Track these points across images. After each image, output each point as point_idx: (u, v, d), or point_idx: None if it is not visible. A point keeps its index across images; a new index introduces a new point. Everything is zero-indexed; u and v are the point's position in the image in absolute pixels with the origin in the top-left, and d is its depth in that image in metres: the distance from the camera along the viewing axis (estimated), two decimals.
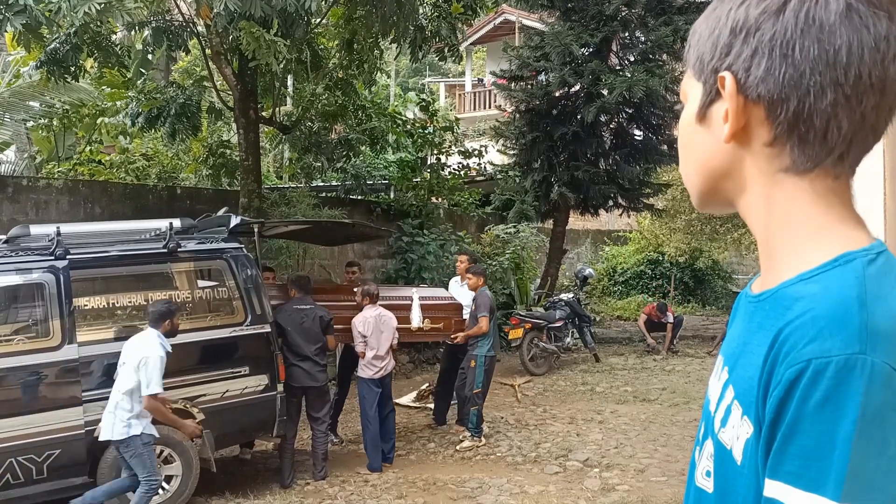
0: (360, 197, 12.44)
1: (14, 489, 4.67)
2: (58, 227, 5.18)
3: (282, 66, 8.46)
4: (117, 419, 4.54)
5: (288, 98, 12.65)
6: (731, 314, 0.88)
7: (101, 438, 4.69)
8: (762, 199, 0.78)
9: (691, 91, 0.83)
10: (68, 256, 5.05)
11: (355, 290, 6.49)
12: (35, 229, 5.35)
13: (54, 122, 12.39)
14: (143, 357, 4.55)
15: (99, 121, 12.43)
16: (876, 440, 0.62)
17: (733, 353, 0.80)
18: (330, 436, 6.51)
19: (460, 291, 7.41)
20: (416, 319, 6.65)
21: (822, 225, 0.75)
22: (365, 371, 6.14)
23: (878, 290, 0.68)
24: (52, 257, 5.00)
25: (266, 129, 12.05)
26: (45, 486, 4.78)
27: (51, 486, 4.81)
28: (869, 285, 0.68)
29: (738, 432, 0.73)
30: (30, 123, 12.65)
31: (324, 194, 11.74)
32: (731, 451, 0.75)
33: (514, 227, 12.24)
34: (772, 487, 0.66)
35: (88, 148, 12.95)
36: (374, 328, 6.06)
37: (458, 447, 6.62)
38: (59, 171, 11.38)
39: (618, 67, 12.08)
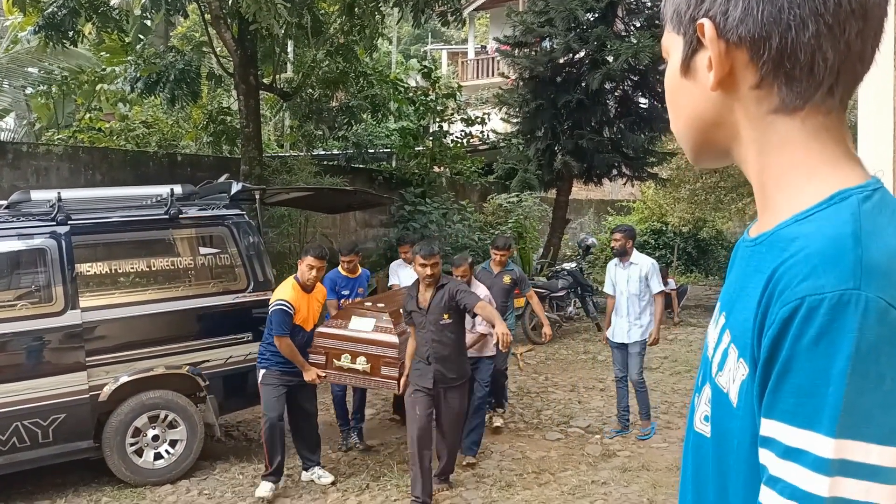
0: (361, 165, 12.36)
1: (20, 452, 4.72)
2: (59, 193, 5.15)
3: (282, 30, 8.34)
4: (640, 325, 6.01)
5: (288, 64, 12.50)
6: (730, 261, 0.87)
7: (630, 341, 6.04)
8: (755, 143, 0.76)
9: (672, 46, 0.81)
10: (70, 222, 5.02)
11: (458, 266, 5.53)
12: (36, 195, 5.32)
13: (53, 90, 12.27)
14: (651, 267, 6.25)
15: (98, 87, 12.31)
16: (871, 375, 0.61)
17: (730, 298, 0.80)
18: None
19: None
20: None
21: (816, 164, 0.73)
22: (490, 349, 5.58)
23: (873, 226, 0.67)
24: (54, 223, 4.98)
25: (266, 96, 11.93)
26: (51, 450, 4.84)
27: (56, 450, 4.86)
28: (864, 222, 0.67)
29: (734, 375, 0.73)
30: (28, 90, 12.53)
31: (325, 163, 11.65)
32: (727, 394, 0.74)
33: (517, 196, 12.20)
34: (767, 426, 0.66)
35: (88, 115, 12.85)
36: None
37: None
38: (58, 139, 11.30)
39: (623, 33, 11.90)
